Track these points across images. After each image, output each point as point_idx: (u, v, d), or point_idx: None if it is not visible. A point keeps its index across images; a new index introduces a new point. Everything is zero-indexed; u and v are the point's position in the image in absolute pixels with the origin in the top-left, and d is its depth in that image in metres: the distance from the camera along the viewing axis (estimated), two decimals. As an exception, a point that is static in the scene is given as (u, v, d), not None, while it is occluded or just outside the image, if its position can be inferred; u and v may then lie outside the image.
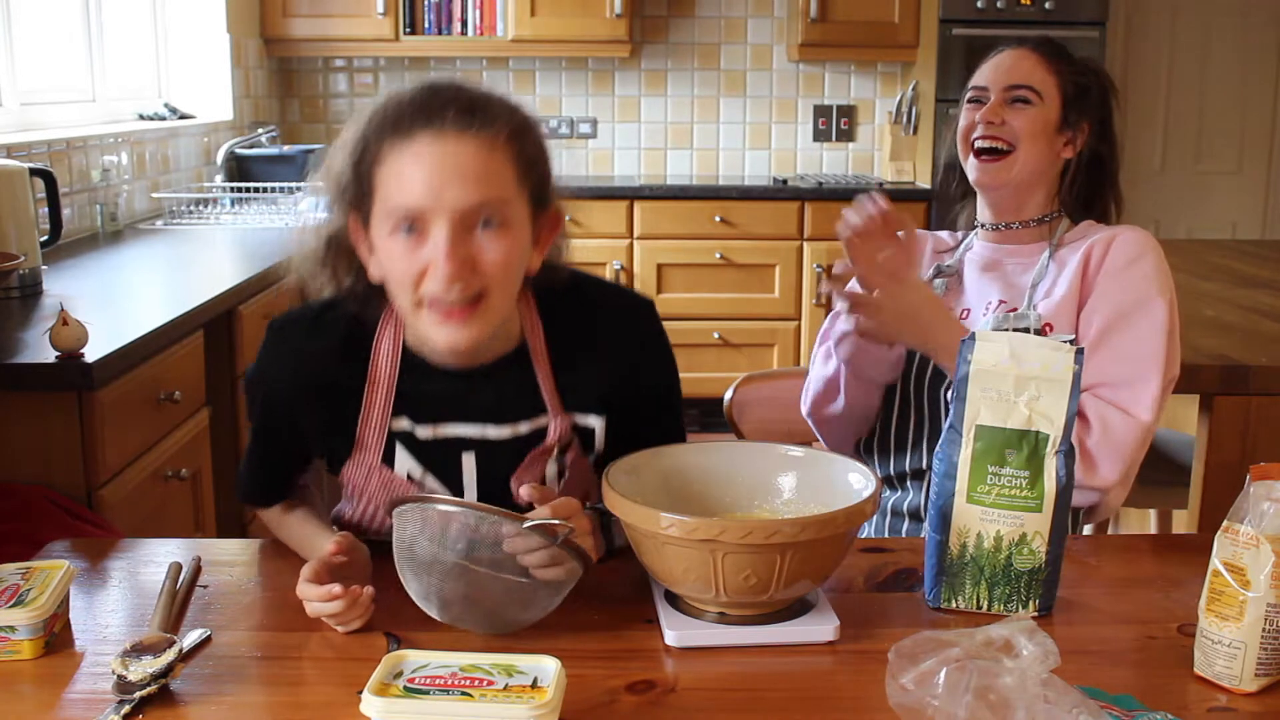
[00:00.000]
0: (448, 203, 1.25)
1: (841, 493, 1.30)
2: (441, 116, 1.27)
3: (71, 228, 3.25)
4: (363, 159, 1.31)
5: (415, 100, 1.29)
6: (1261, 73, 5.66)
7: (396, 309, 1.38)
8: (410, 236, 1.27)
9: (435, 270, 1.26)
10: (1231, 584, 1.13)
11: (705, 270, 4.72)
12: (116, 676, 1.10)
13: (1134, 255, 1.70)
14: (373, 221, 1.31)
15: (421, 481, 1.43)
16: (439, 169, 1.25)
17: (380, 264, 1.33)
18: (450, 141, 1.26)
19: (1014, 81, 1.76)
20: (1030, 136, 1.74)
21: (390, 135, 1.28)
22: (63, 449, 2.01)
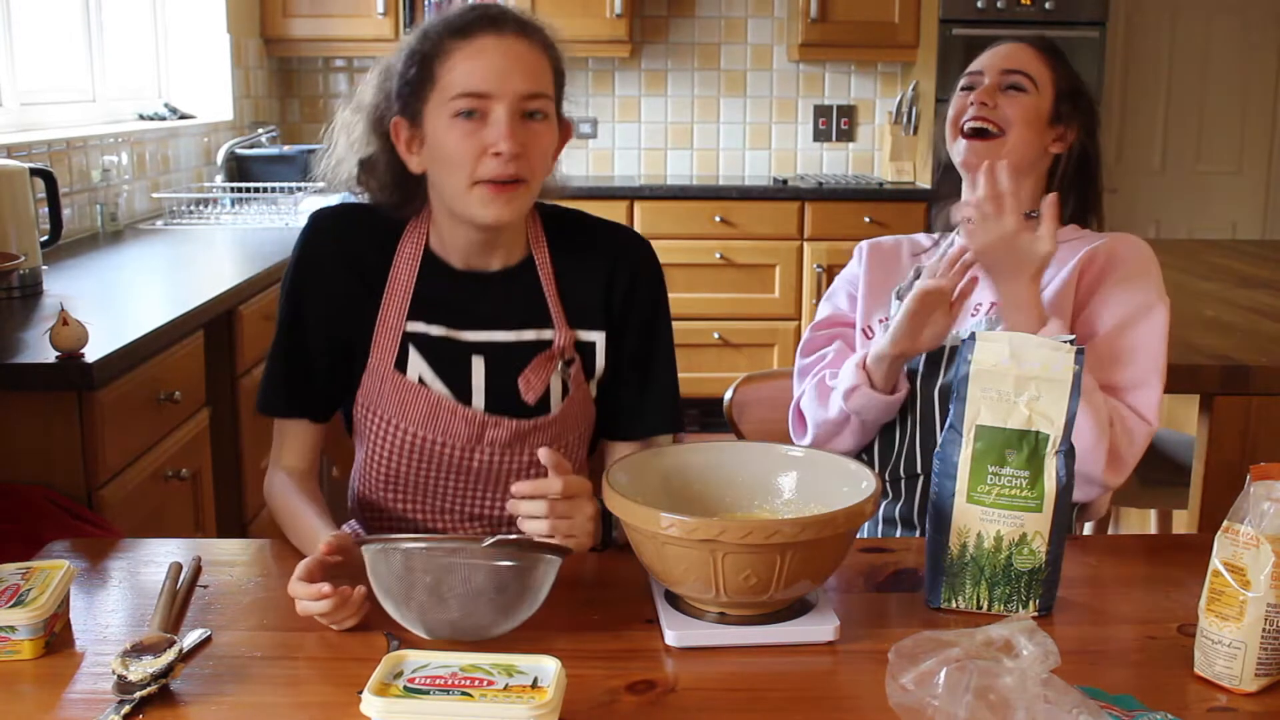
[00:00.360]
0: (509, 88, 1.43)
1: (841, 493, 1.30)
2: (501, 21, 1.46)
3: (71, 228, 3.25)
4: (424, 57, 1.46)
5: (474, 10, 1.48)
6: (1261, 73, 5.66)
7: (441, 193, 1.50)
8: (471, 120, 1.44)
9: (496, 147, 1.43)
10: (1231, 584, 1.13)
11: (705, 270, 4.72)
12: (116, 676, 1.10)
13: (1139, 262, 1.70)
14: (428, 113, 1.47)
15: (428, 384, 1.54)
16: (502, 59, 1.44)
17: (433, 151, 1.47)
18: (509, 40, 1.45)
19: (1010, 67, 1.75)
20: (1023, 122, 1.72)
21: (454, 35, 1.45)
22: (63, 449, 2.01)
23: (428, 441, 1.55)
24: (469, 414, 1.54)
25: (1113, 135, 5.64)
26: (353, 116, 1.58)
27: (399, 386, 1.54)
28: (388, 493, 1.61)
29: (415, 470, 1.58)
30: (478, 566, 1.16)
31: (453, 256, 1.56)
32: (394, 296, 1.55)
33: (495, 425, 1.55)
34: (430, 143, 1.47)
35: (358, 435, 1.63)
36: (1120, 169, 5.69)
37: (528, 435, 1.57)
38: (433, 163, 1.49)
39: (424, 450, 1.56)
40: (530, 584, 1.20)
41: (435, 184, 1.51)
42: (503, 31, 1.45)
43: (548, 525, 1.35)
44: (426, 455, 1.56)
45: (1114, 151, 5.69)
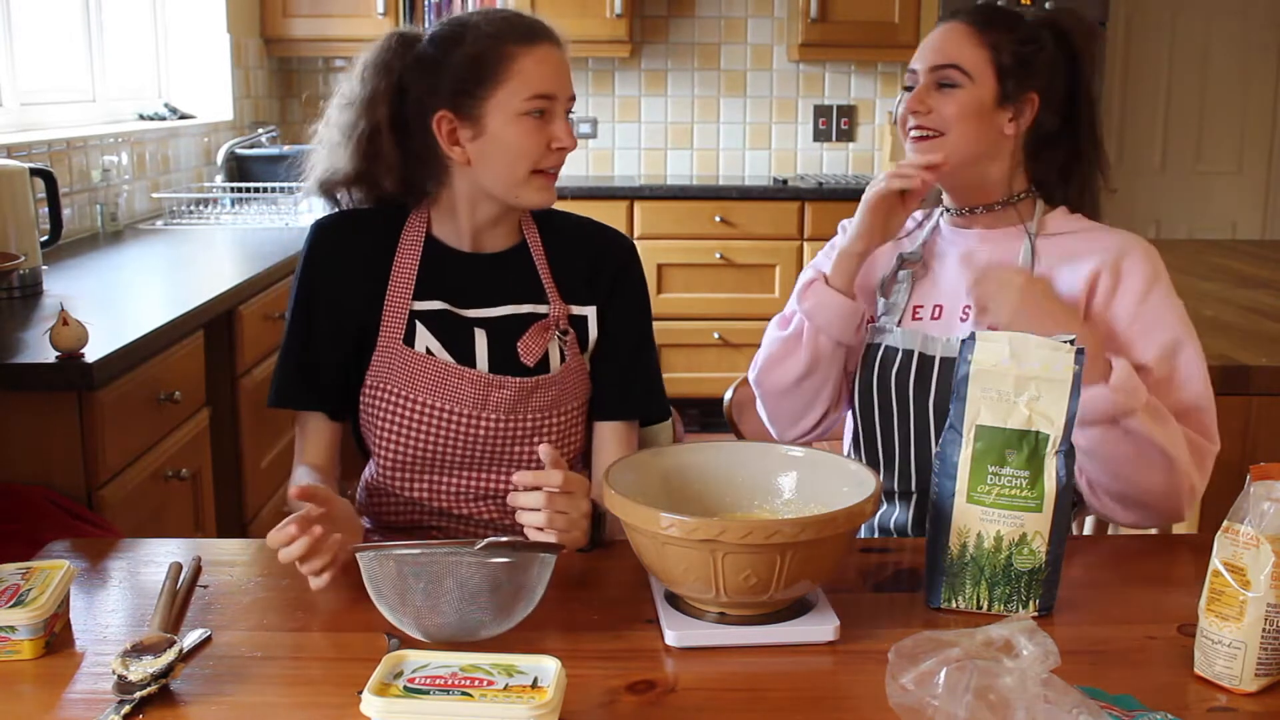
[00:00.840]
0: (566, 92, 1.62)
1: (841, 493, 1.30)
2: (552, 32, 1.62)
3: (71, 228, 3.25)
4: (482, 58, 1.57)
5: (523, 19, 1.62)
6: (1261, 73, 5.67)
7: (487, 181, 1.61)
8: (539, 118, 1.58)
9: (561, 143, 1.60)
10: (1231, 584, 1.13)
11: (705, 270, 4.72)
12: (116, 676, 1.10)
13: (1152, 277, 1.61)
14: (489, 109, 1.57)
15: (435, 354, 1.64)
16: (560, 65, 1.61)
17: (493, 144, 1.58)
18: (558, 49, 1.62)
19: (939, 62, 1.64)
20: (960, 120, 1.62)
21: (520, 41, 1.58)
22: (63, 449, 2.01)
23: (435, 409, 1.62)
24: (474, 376, 1.63)
25: (1113, 135, 5.64)
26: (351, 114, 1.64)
27: (408, 359, 1.63)
28: (397, 476, 1.66)
29: (424, 443, 1.63)
30: (472, 570, 1.16)
31: (458, 240, 1.68)
32: (399, 280, 1.66)
33: (499, 386, 1.63)
34: (490, 136, 1.58)
35: (366, 430, 1.68)
36: (1120, 169, 5.69)
37: (530, 394, 1.64)
38: (488, 154, 1.59)
39: (432, 420, 1.62)
40: (526, 583, 1.19)
41: (482, 172, 1.61)
42: (554, 41, 1.61)
43: (545, 518, 1.38)
44: (435, 425, 1.62)
45: (1114, 151, 5.69)
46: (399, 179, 1.65)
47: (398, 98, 1.61)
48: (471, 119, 1.58)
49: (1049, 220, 1.67)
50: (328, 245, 1.68)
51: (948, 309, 1.69)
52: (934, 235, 1.76)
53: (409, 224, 1.68)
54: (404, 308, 1.65)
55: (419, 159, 1.63)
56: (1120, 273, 1.60)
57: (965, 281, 1.65)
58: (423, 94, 1.59)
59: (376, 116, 1.61)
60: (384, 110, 1.61)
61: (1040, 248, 1.66)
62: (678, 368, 4.73)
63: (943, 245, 1.74)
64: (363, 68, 1.63)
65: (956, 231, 1.73)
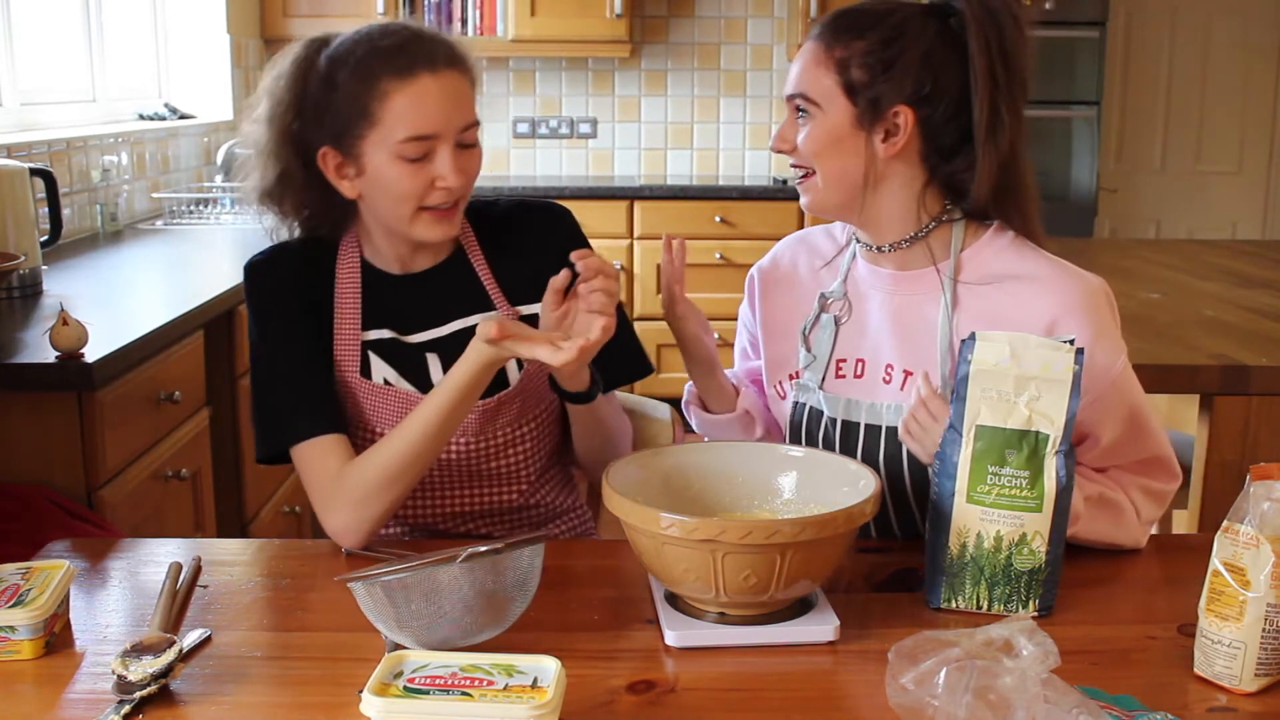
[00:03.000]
0: (452, 126, 1.49)
1: (841, 493, 1.30)
2: (434, 56, 1.49)
3: (71, 228, 3.25)
4: (357, 93, 1.47)
5: (405, 43, 1.48)
6: (1261, 73, 5.67)
7: (381, 217, 1.54)
8: (419, 160, 1.48)
9: (444, 182, 1.49)
10: (1231, 584, 1.13)
11: (705, 270, 4.72)
12: (116, 676, 1.10)
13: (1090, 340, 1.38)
14: (366, 149, 1.49)
15: (394, 384, 1.57)
16: (442, 98, 1.48)
17: (375, 184, 1.50)
18: (444, 76, 1.49)
19: (790, 90, 1.47)
20: (818, 155, 1.44)
21: (393, 75, 1.47)
22: (63, 449, 2.01)
23: None
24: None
25: (1113, 135, 5.65)
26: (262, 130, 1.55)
27: (368, 392, 1.57)
28: None
29: None
30: (461, 580, 1.14)
31: (389, 263, 1.61)
32: (344, 312, 1.59)
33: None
34: (371, 176, 1.50)
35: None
36: (1120, 169, 5.70)
37: (494, 414, 1.59)
38: (372, 192, 1.52)
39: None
40: (519, 578, 1.19)
41: (374, 208, 1.54)
42: (437, 68, 1.48)
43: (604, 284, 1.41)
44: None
45: (1114, 151, 5.70)
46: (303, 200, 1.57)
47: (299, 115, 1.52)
48: (352, 157, 1.50)
49: (971, 257, 1.46)
50: (268, 288, 1.59)
51: (870, 365, 1.52)
52: (854, 265, 1.56)
53: (341, 251, 1.61)
54: (354, 339, 1.58)
55: (322, 186, 1.55)
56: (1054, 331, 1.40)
57: (886, 335, 1.50)
58: (311, 125, 1.52)
59: (279, 131, 1.53)
60: (285, 125, 1.52)
61: (962, 297, 1.45)
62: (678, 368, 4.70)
63: (862, 282, 1.55)
64: (273, 78, 1.54)
65: (872, 270, 1.53)
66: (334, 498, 1.48)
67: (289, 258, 1.61)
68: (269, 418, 1.56)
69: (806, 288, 1.60)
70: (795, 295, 1.61)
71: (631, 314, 4.73)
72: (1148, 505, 1.48)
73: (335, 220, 1.60)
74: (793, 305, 1.61)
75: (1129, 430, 1.45)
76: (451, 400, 1.45)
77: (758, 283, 1.67)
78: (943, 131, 1.43)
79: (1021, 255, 1.46)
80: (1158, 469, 1.49)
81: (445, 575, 1.14)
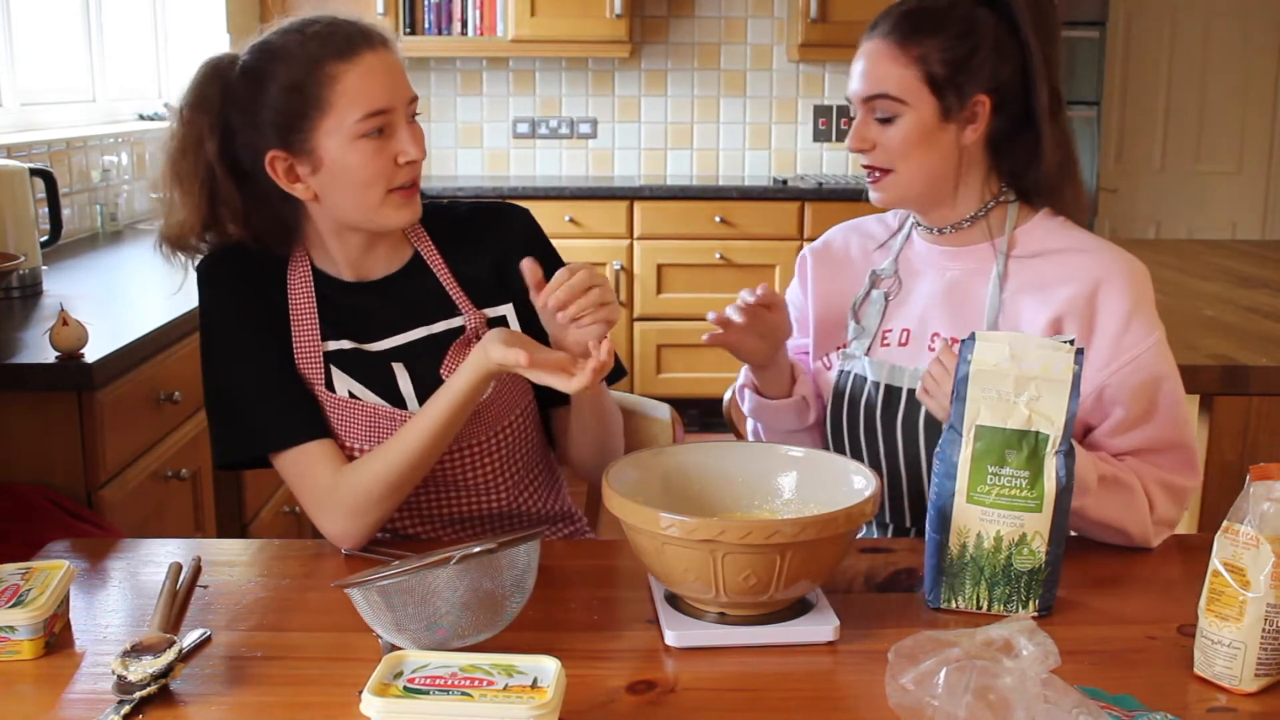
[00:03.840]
0: (401, 98, 1.47)
1: (841, 493, 1.30)
2: (370, 35, 1.47)
3: (71, 228, 3.25)
4: (301, 85, 1.43)
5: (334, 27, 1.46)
6: (1261, 73, 5.67)
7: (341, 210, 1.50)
8: (379, 137, 1.45)
9: (407, 156, 1.47)
10: (1231, 584, 1.13)
11: (705, 270, 4.72)
12: (116, 676, 1.10)
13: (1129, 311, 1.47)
14: (320, 139, 1.45)
15: (360, 397, 1.53)
16: (388, 72, 1.46)
17: (336, 174, 1.46)
18: (382, 52, 1.47)
19: (868, 92, 1.50)
20: (903, 154, 1.50)
21: (336, 58, 1.44)
22: (63, 449, 2.01)
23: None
24: (404, 417, 1.52)
25: (1113, 135, 5.65)
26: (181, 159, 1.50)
27: (335, 405, 1.53)
28: None
29: None
30: (457, 581, 1.14)
31: (342, 271, 1.57)
32: (301, 321, 1.54)
33: None
34: (330, 167, 1.45)
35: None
36: (1120, 169, 5.70)
37: (468, 424, 1.53)
38: (334, 186, 1.47)
39: None
40: (516, 577, 1.18)
41: (334, 204, 1.49)
42: (375, 45, 1.46)
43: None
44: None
45: (1114, 151, 5.70)
46: (244, 223, 1.52)
47: (226, 134, 1.47)
48: (305, 153, 1.45)
49: (1023, 234, 1.55)
50: (225, 288, 1.55)
51: (915, 334, 1.58)
52: (907, 246, 1.64)
53: (292, 262, 1.56)
54: (315, 351, 1.53)
55: (265, 200, 1.50)
56: (1094, 312, 1.48)
57: (936, 306, 1.56)
58: (248, 133, 1.46)
59: (206, 157, 1.48)
60: (213, 149, 1.47)
61: (1012, 270, 1.54)
62: (678, 368, 4.73)
63: (916, 260, 1.62)
64: (180, 108, 1.49)
65: (929, 247, 1.61)
66: (330, 506, 1.47)
67: (245, 257, 1.55)
68: (238, 422, 1.52)
69: (858, 268, 1.67)
70: (846, 274, 1.67)
71: (631, 314, 4.73)
72: (1165, 502, 1.47)
73: (283, 237, 1.55)
74: (843, 283, 1.66)
75: (1152, 409, 1.48)
76: (451, 410, 1.44)
77: (810, 262, 1.72)
78: (1007, 116, 1.51)
79: (1070, 233, 1.55)
80: (1178, 462, 1.50)
81: (440, 577, 1.14)
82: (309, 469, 1.48)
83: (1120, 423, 1.48)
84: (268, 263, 1.56)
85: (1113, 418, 1.49)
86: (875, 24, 1.54)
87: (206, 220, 1.52)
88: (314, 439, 1.49)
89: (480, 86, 5.24)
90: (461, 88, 5.23)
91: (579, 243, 4.62)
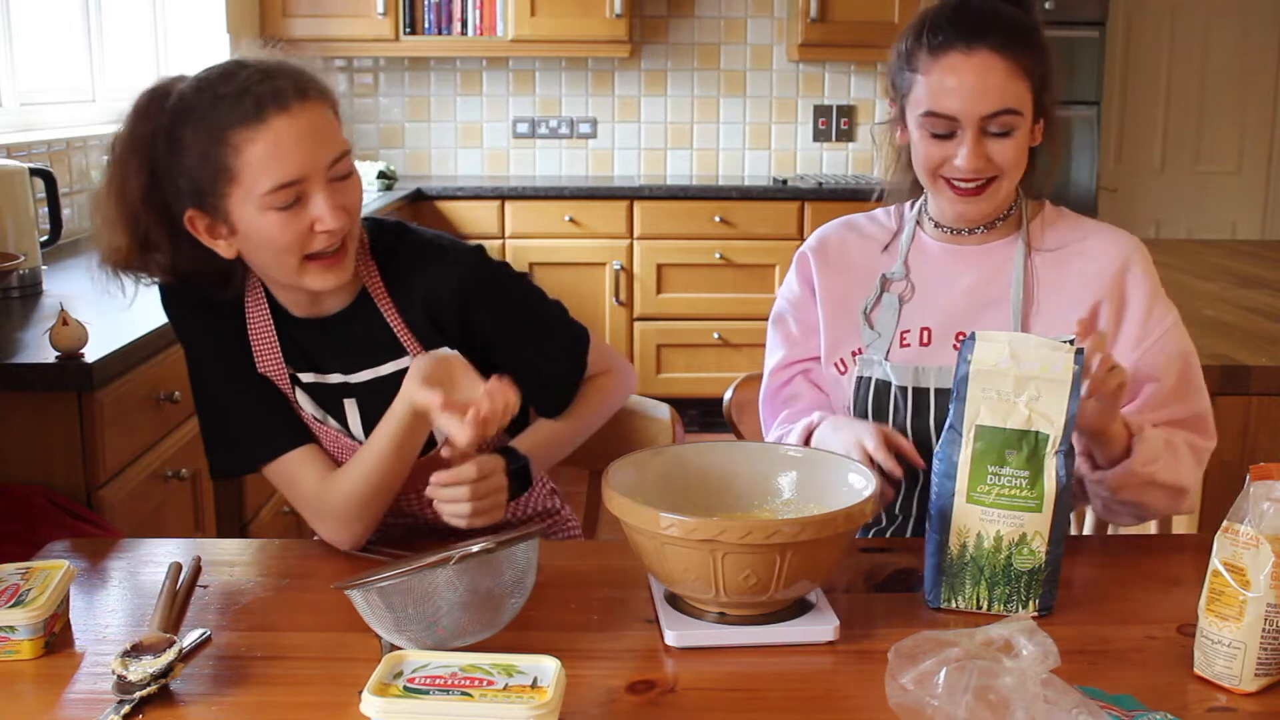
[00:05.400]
0: (317, 164, 1.36)
1: (841, 493, 1.30)
2: (281, 94, 1.35)
3: (71, 228, 3.25)
4: (207, 151, 1.35)
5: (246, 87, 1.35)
6: (1261, 73, 5.67)
7: (266, 271, 1.45)
8: (292, 207, 1.36)
9: (323, 225, 1.37)
10: (1231, 584, 1.13)
11: (705, 270, 4.72)
12: (116, 676, 1.10)
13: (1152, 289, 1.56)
14: (232, 207, 1.37)
15: (324, 421, 1.53)
16: (299, 136, 1.35)
17: (250, 240, 1.39)
18: (297, 113, 1.35)
19: (992, 109, 1.47)
20: (1016, 163, 1.52)
21: (241, 125, 1.34)
22: (63, 449, 2.01)
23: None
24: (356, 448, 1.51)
25: (1113, 135, 5.65)
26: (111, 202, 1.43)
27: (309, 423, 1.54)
28: None
29: None
30: (457, 580, 1.14)
31: (293, 307, 1.52)
32: (261, 345, 1.51)
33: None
34: (245, 233, 1.39)
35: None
36: (1120, 169, 5.70)
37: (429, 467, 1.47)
38: (250, 248, 1.41)
39: None
40: (516, 575, 1.19)
41: (257, 264, 1.45)
42: (288, 105, 1.35)
43: (470, 508, 1.41)
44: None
45: (1114, 152, 5.70)
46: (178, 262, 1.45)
47: (152, 180, 1.39)
48: (220, 218, 1.39)
49: (1039, 229, 1.60)
50: (189, 310, 1.52)
51: (937, 333, 1.59)
52: (914, 246, 1.65)
53: (249, 292, 1.51)
54: (281, 373, 1.51)
55: (198, 246, 1.43)
56: (1124, 293, 1.55)
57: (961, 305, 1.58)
58: (171, 189, 1.39)
59: (132, 202, 1.40)
60: (138, 189, 1.40)
61: (1036, 264, 1.58)
62: (678, 368, 4.73)
63: (928, 260, 1.63)
64: (114, 144, 1.42)
65: (944, 247, 1.62)
66: (321, 512, 1.49)
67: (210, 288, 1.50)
68: (225, 436, 1.53)
69: (860, 269, 1.66)
70: (850, 275, 1.66)
71: (631, 314, 4.73)
72: (1191, 464, 1.54)
73: (220, 281, 1.48)
74: (847, 285, 1.66)
75: (1183, 383, 1.55)
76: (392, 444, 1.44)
77: (812, 263, 1.70)
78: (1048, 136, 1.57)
79: (1079, 221, 1.62)
80: (1201, 426, 1.57)
81: (440, 577, 1.14)
82: (295, 477, 1.50)
83: (1154, 396, 1.54)
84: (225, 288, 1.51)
85: (1145, 393, 1.55)
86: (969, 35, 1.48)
87: (134, 260, 1.47)
88: (296, 447, 1.50)
89: (480, 86, 5.24)
90: (461, 88, 5.23)
91: (579, 243, 4.62)
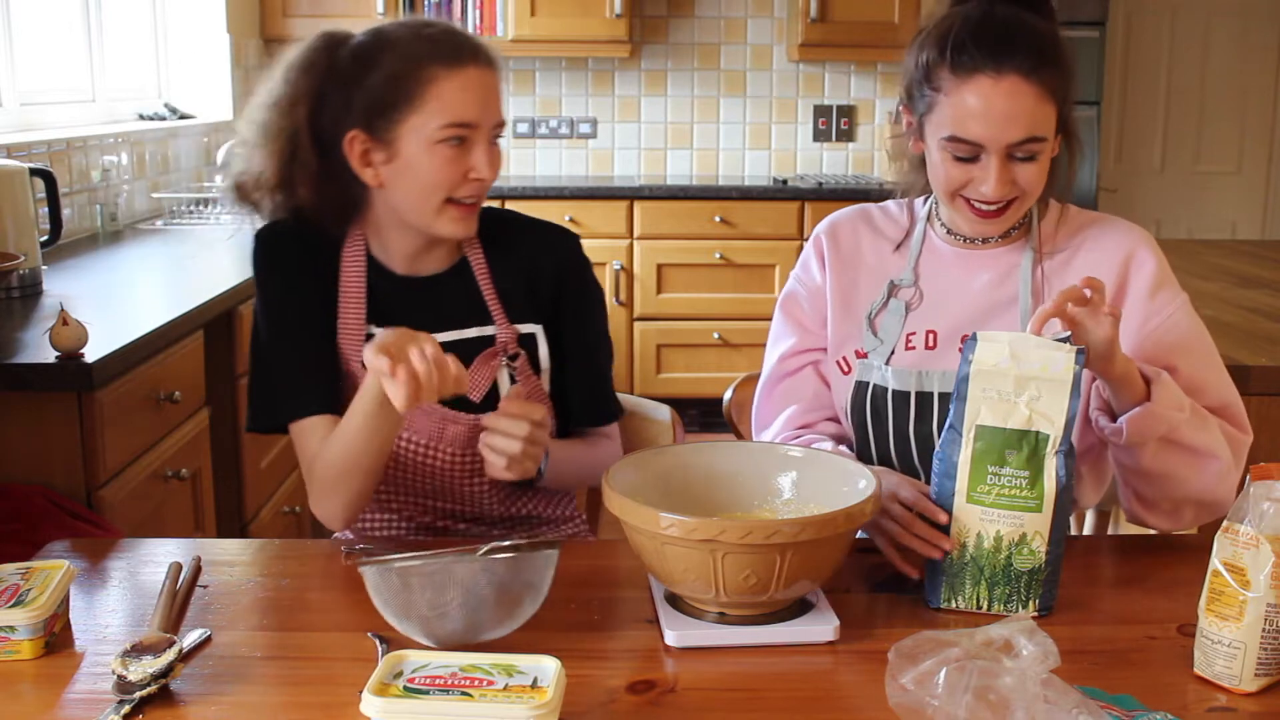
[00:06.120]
0: (490, 119, 1.52)
1: (841, 493, 1.30)
2: (480, 51, 1.52)
3: (71, 228, 3.25)
4: (401, 77, 1.48)
5: (450, 34, 1.52)
6: (1261, 73, 5.67)
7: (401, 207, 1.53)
8: (457, 147, 1.49)
9: (478, 173, 1.51)
10: (1231, 584, 1.13)
11: (705, 270, 4.72)
12: (116, 676, 1.10)
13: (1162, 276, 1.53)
14: (402, 133, 1.49)
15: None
16: (485, 91, 1.51)
17: (405, 170, 1.50)
18: (486, 71, 1.52)
19: (1019, 137, 1.43)
20: (1039, 184, 1.48)
21: (442, 62, 1.48)
22: (63, 449, 2.01)
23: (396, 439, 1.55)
24: (429, 408, 1.56)
25: (1113, 135, 5.65)
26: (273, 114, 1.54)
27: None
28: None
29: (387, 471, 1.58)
30: (477, 576, 1.15)
31: (394, 262, 1.61)
32: (349, 301, 1.59)
33: (454, 420, 1.57)
34: (403, 161, 1.50)
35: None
36: (1120, 169, 5.70)
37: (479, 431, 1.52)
38: (401, 179, 1.51)
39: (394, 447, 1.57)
40: (532, 581, 1.19)
41: (396, 198, 1.53)
42: (481, 62, 1.51)
43: (519, 449, 1.42)
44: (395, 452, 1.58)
45: (1114, 152, 5.70)
46: (315, 190, 1.55)
47: (319, 102, 1.52)
48: (385, 142, 1.50)
49: (1050, 229, 1.57)
50: (278, 256, 1.60)
51: (943, 337, 1.55)
52: (925, 249, 1.61)
53: (348, 242, 1.60)
54: (359, 331, 1.58)
55: (335, 174, 1.54)
56: (1127, 277, 1.53)
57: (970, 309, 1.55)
58: (338, 108, 1.51)
59: (296, 119, 1.52)
60: (304, 112, 1.52)
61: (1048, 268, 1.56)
62: (678, 368, 4.73)
63: (937, 263, 1.60)
64: (286, 67, 1.54)
65: (956, 251, 1.59)
66: (309, 481, 1.56)
67: (296, 235, 1.60)
68: (266, 390, 1.60)
69: (870, 268, 1.63)
70: (859, 271, 1.63)
71: (631, 314, 4.73)
72: (1220, 436, 1.45)
73: (343, 214, 1.59)
74: (856, 279, 1.63)
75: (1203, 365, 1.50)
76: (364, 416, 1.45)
77: (825, 246, 1.66)
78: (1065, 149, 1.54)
79: (1090, 217, 1.60)
80: (1232, 417, 1.49)
81: (464, 568, 1.14)
82: (304, 441, 1.57)
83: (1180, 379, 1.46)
84: (322, 242, 1.60)
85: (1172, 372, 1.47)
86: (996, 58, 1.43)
87: (282, 177, 1.55)
88: (317, 413, 1.55)
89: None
90: (461, 88, 5.23)
91: (579, 243, 4.62)
